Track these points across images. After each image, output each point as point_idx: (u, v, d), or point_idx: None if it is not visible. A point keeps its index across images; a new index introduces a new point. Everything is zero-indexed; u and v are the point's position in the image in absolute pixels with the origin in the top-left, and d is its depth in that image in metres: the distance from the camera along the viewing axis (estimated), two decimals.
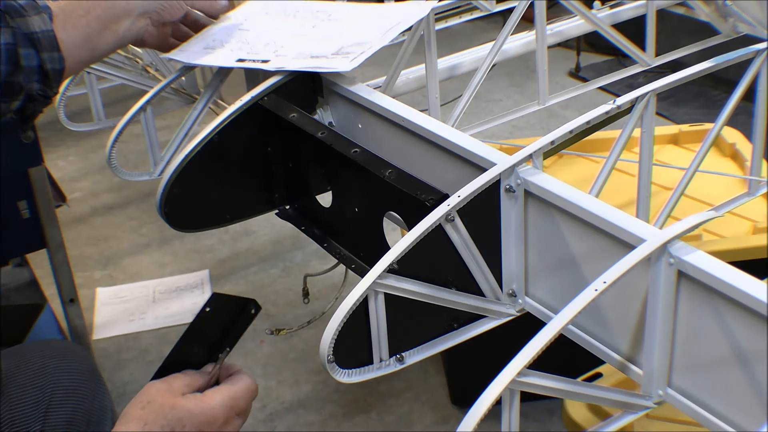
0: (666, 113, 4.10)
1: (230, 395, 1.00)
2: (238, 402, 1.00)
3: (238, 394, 1.00)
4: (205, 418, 0.96)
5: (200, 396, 0.99)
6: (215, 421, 0.96)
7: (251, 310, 1.05)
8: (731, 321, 0.89)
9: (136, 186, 3.75)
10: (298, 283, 3.11)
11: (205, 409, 0.97)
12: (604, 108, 1.19)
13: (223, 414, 0.98)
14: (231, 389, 1.00)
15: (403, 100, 1.36)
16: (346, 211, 1.31)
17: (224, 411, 0.98)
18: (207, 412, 0.96)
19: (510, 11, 1.68)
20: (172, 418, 0.94)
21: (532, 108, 1.75)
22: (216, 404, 0.98)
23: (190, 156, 1.33)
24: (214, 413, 0.97)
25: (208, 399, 0.98)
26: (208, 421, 0.96)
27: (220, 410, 0.97)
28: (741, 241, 2.06)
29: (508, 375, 0.87)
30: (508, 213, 1.10)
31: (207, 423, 0.96)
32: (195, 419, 0.95)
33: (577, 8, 1.76)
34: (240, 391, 1.01)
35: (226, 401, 0.99)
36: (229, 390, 1.00)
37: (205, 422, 0.96)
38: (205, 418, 0.96)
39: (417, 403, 2.57)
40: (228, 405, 0.98)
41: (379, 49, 1.42)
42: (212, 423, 0.96)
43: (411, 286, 1.05)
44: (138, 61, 2.14)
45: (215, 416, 0.97)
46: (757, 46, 1.38)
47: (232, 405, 0.99)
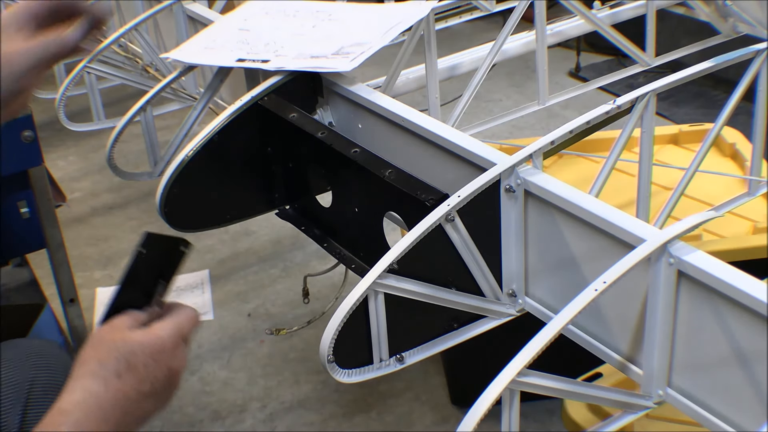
0: (666, 113, 4.10)
1: (176, 324, 1.04)
2: (183, 329, 1.05)
3: (183, 323, 1.05)
4: (156, 347, 1.00)
5: (147, 329, 1.03)
6: (165, 350, 1.01)
7: (181, 248, 1.08)
8: (731, 321, 0.89)
9: (136, 186, 3.74)
10: (298, 283, 3.11)
11: (154, 339, 1.01)
12: (604, 108, 1.19)
13: (171, 342, 1.02)
14: (175, 319, 1.05)
15: (403, 100, 1.36)
16: (346, 211, 1.31)
17: (172, 339, 1.02)
18: (157, 341, 1.01)
19: (510, 11, 1.68)
20: (125, 351, 0.99)
21: (532, 108, 1.75)
22: (164, 333, 1.02)
23: (190, 156, 1.33)
24: (164, 342, 1.01)
25: (156, 329, 1.03)
26: (159, 350, 1.01)
27: (168, 339, 1.02)
28: (741, 241, 2.06)
29: (508, 375, 0.87)
30: (508, 213, 1.10)
31: (158, 351, 1.00)
32: (146, 349, 1.00)
33: (577, 8, 1.76)
34: (184, 320, 1.05)
35: (173, 330, 1.03)
36: (173, 320, 1.05)
37: (156, 351, 1.00)
38: (156, 347, 1.00)
39: (417, 403, 2.57)
40: (175, 333, 1.03)
41: (379, 49, 1.42)
42: (163, 351, 1.01)
43: (411, 286, 1.05)
44: (138, 61, 2.14)
45: (165, 345, 1.01)
46: (757, 46, 1.38)
47: (178, 333, 1.03)
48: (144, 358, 0.99)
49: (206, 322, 3.00)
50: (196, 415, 2.59)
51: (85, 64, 1.81)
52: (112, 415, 0.96)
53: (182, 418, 2.58)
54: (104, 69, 1.98)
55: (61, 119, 1.90)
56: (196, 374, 2.75)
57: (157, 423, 2.57)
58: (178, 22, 1.88)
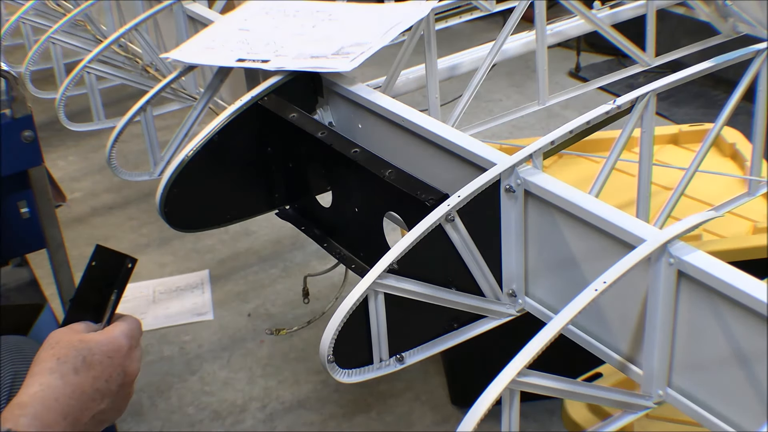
0: (666, 113, 4.10)
1: (128, 327, 1.09)
2: (135, 333, 1.10)
3: (133, 327, 1.10)
4: (112, 346, 1.05)
5: (103, 330, 1.09)
6: (121, 349, 1.06)
7: (127, 264, 1.14)
8: (731, 321, 0.89)
9: (136, 186, 3.74)
10: (298, 283, 3.11)
11: (110, 338, 1.06)
12: (604, 108, 1.19)
13: (126, 342, 1.07)
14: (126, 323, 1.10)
15: (403, 100, 1.36)
16: (346, 211, 1.31)
17: (127, 340, 1.07)
18: (113, 340, 1.06)
19: (510, 11, 1.68)
20: (82, 348, 1.03)
21: (532, 108, 1.75)
22: (119, 334, 1.07)
23: (190, 156, 1.33)
24: (119, 341, 1.06)
25: (111, 331, 1.08)
26: (115, 349, 1.05)
27: (123, 339, 1.07)
28: (741, 241, 2.06)
29: (508, 375, 0.87)
30: (508, 213, 1.10)
31: (114, 350, 1.05)
32: (103, 347, 1.04)
33: (577, 8, 1.76)
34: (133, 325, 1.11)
35: (126, 332, 1.08)
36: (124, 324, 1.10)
37: (113, 349, 1.05)
38: (113, 346, 1.05)
39: (417, 403, 2.57)
40: (128, 335, 1.08)
41: (379, 49, 1.42)
42: (119, 350, 1.06)
43: (411, 286, 1.05)
44: (138, 61, 2.14)
45: (120, 344, 1.06)
46: (757, 46, 1.38)
47: (131, 335, 1.09)
48: (100, 357, 1.03)
49: (206, 322, 3.00)
50: (196, 415, 2.59)
51: (85, 64, 1.81)
52: (69, 409, 0.99)
53: (182, 418, 2.58)
54: (104, 69, 1.99)
55: (61, 119, 1.90)
56: (196, 374, 2.75)
57: (157, 423, 2.57)
58: (178, 22, 1.88)
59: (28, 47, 2.22)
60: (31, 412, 0.95)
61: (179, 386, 2.71)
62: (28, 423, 0.94)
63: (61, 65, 2.13)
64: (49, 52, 2.10)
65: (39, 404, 0.96)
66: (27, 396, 0.97)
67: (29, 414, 0.95)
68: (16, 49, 2.59)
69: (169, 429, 2.55)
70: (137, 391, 2.69)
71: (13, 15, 2.28)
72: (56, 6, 2.48)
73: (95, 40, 2.32)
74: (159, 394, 2.68)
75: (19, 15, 2.25)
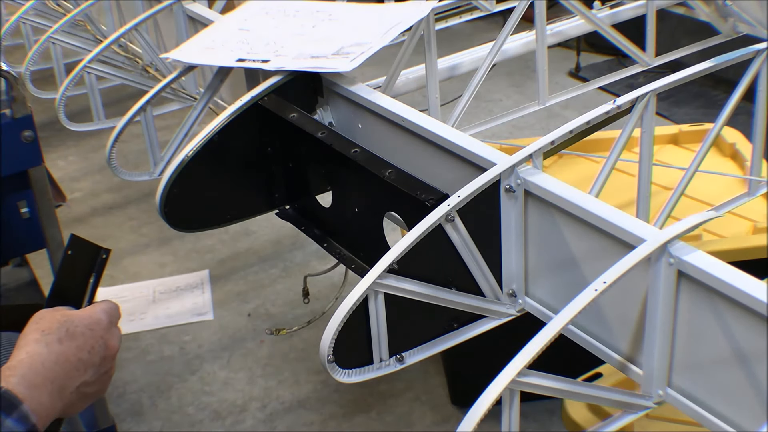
0: (666, 113, 4.10)
1: (107, 306, 1.15)
2: (113, 313, 1.15)
3: (112, 306, 1.16)
4: (92, 320, 1.11)
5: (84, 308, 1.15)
6: (101, 323, 1.12)
7: (103, 255, 1.19)
8: (731, 321, 0.89)
9: (136, 186, 3.74)
10: (298, 283, 3.11)
11: (90, 313, 1.12)
12: (604, 108, 1.19)
13: (107, 318, 1.13)
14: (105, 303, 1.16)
15: (403, 100, 1.36)
16: (346, 211, 1.31)
17: (107, 316, 1.13)
18: (93, 315, 1.12)
19: (510, 11, 1.68)
20: (65, 321, 1.09)
21: (532, 108, 1.75)
22: (99, 310, 1.13)
23: (190, 156, 1.33)
24: (99, 316, 1.12)
25: (90, 308, 1.15)
26: (95, 321, 1.11)
27: (103, 314, 1.13)
28: (741, 241, 2.06)
29: (508, 375, 0.87)
30: (508, 213, 1.10)
31: (95, 323, 1.11)
32: (84, 320, 1.10)
33: (577, 8, 1.76)
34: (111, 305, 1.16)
35: (105, 309, 1.14)
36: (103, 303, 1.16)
37: (93, 322, 1.11)
38: (93, 320, 1.11)
39: (417, 403, 2.57)
40: (108, 312, 1.14)
41: (379, 49, 1.42)
42: (99, 323, 1.11)
43: (411, 286, 1.05)
44: (138, 61, 2.14)
45: (101, 318, 1.12)
46: (757, 46, 1.38)
47: (110, 313, 1.14)
48: (82, 328, 1.09)
49: (206, 322, 3.00)
50: (196, 415, 2.59)
51: (85, 64, 1.81)
52: (55, 375, 1.03)
53: (182, 418, 2.58)
54: (104, 69, 1.99)
55: (61, 119, 1.90)
56: (196, 374, 2.75)
57: (157, 423, 2.57)
58: (178, 22, 1.88)
59: (28, 47, 2.23)
60: (19, 373, 1.00)
61: (179, 386, 2.71)
62: (17, 382, 0.98)
63: (61, 65, 2.13)
64: (49, 52, 2.10)
65: (26, 367, 1.01)
66: (15, 361, 1.02)
67: (18, 374, 0.99)
68: (16, 49, 2.60)
69: (169, 429, 2.55)
70: (137, 391, 2.70)
71: (13, 15, 2.28)
72: (56, 6, 2.48)
73: (95, 40, 2.31)
74: (159, 394, 2.68)
75: (19, 15, 2.25)
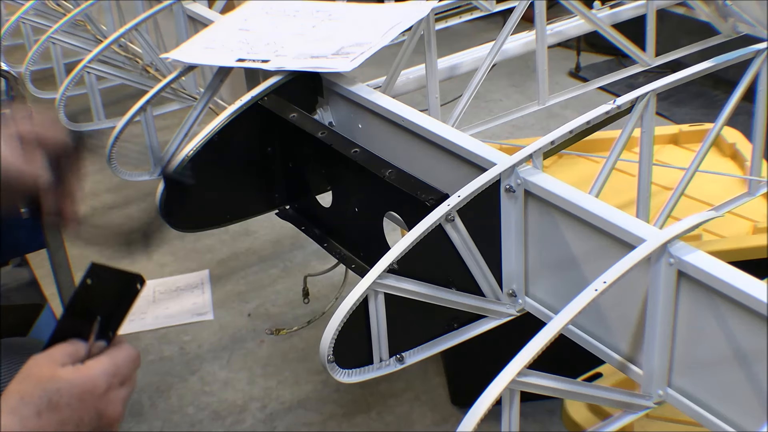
0: (666, 113, 4.10)
1: (112, 364, 0.99)
2: (120, 370, 0.99)
3: (120, 363, 1.00)
4: (84, 388, 0.95)
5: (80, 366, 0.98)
6: (95, 390, 0.96)
7: (136, 284, 1.03)
8: (731, 321, 0.89)
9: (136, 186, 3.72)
10: (298, 283, 3.09)
11: (84, 379, 0.96)
12: (604, 108, 1.19)
13: (104, 382, 0.97)
14: (112, 358, 0.99)
15: (403, 100, 1.36)
16: (346, 211, 1.31)
17: (105, 379, 0.97)
18: (86, 381, 0.96)
19: (510, 11, 1.68)
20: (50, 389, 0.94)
21: (532, 108, 1.75)
22: (96, 373, 0.97)
23: (190, 156, 1.33)
24: (94, 382, 0.96)
25: (87, 369, 0.97)
26: (87, 390, 0.95)
27: (100, 379, 0.97)
28: (741, 241, 2.06)
29: (508, 375, 0.87)
30: (508, 213, 1.10)
31: (86, 392, 0.95)
32: (74, 389, 0.95)
33: (577, 8, 1.76)
34: (121, 360, 1.00)
35: (107, 369, 0.98)
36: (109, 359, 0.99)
37: (84, 391, 0.95)
38: (85, 388, 0.95)
39: (417, 403, 2.57)
40: (109, 373, 0.98)
41: (379, 49, 1.42)
42: (92, 392, 0.96)
43: (411, 286, 1.05)
44: (138, 61, 2.14)
45: (95, 385, 0.96)
46: (757, 46, 1.38)
47: (113, 373, 0.98)
48: (68, 399, 0.94)
49: (206, 322, 3.00)
50: (196, 415, 2.59)
51: (85, 64, 1.81)
52: None
53: (182, 418, 2.58)
54: (104, 69, 1.99)
55: (61, 119, 1.90)
56: (196, 374, 2.75)
57: (157, 423, 2.57)
58: (178, 22, 1.88)
59: (28, 47, 2.22)
60: None
61: (179, 386, 2.71)
62: None
63: (61, 65, 2.13)
64: (49, 52, 2.10)
65: None
66: None
67: None
68: (16, 49, 2.59)
69: (169, 429, 2.55)
70: (137, 391, 2.68)
71: (13, 15, 2.28)
72: (56, 6, 2.48)
73: (95, 40, 2.32)
74: (159, 394, 2.68)
75: (19, 15, 2.25)
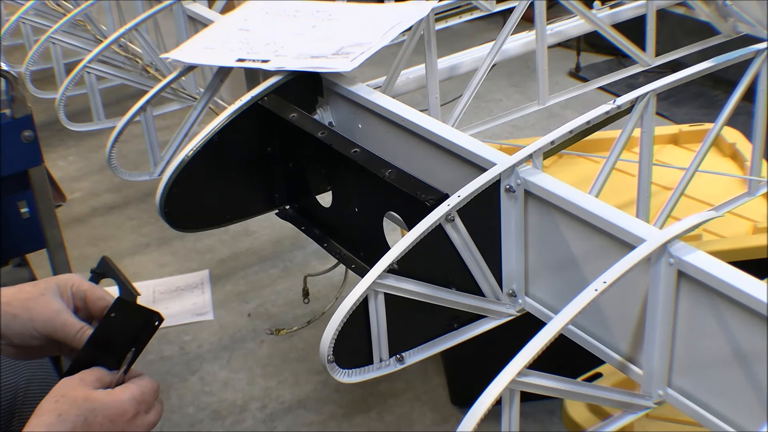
0: (666, 113, 4.10)
1: (139, 391, 1.06)
2: (146, 397, 1.07)
3: (146, 390, 1.08)
4: (116, 410, 1.02)
5: (110, 390, 1.05)
6: (125, 414, 1.03)
7: (154, 322, 1.12)
8: (731, 321, 0.89)
9: (136, 186, 3.74)
10: (298, 283, 3.11)
11: (116, 402, 1.03)
12: (604, 108, 1.19)
13: (133, 408, 1.04)
14: (139, 387, 1.07)
15: (403, 100, 1.36)
16: (346, 211, 1.31)
17: (134, 405, 1.05)
18: (118, 404, 1.03)
19: (510, 11, 1.68)
20: (85, 409, 1.00)
21: (532, 108, 1.75)
22: (126, 398, 1.04)
23: (190, 156, 1.33)
24: (125, 406, 1.03)
25: (118, 393, 1.05)
26: (119, 413, 1.02)
27: (130, 404, 1.04)
28: (741, 241, 2.06)
29: (508, 375, 0.87)
30: (508, 213, 1.10)
31: (118, 414, 1.02)
32: (107, 410, 1.02)
33: (577, 8, 1.76)
34: (146, 388, 1.08)
35: (135, 395, 1.05)
36: (137, 387, 1.07)
37: (116, 414, 1.02)
38: (117, 410, 1.02)
39: (417, 403, 2.57)
40: (137, 399, 1.05)
41: (379, 49, 1.42)
42: (123, 415, 1.03)
43: (411, 286, 1.05)
44: (138, 61, 2.14)
45: (126, 409, 1.03)
46: (757, 46, 1.38)
47: (141, 400, 1.06)
48: (102, 419, 1.01)
49: (206, 322, 3.00)
50: (196, 415, 2.59)
51: (85, 64, 1.81)
52: None
53: (182, 418, 2.58)
54: (104, 69, 1.99)
55: (61, 119, 1.90)
56: (196, 374, 2.75)
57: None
58: (178, 22, 1.88)
59: (28, 47, 2.22)
60: None
61: (179, 386, 2.71)
62: None
63: (61, 65, 2.13)
64: (49, 52, 2.10)
65: None
66: None
67: None
68: (16, 49, 2.59)
69: (169, 429, 2.55)
70: None
71: (13, 15, 2.28)
72: (56, 6, 2.48)
73: (95, 40, 2.32)
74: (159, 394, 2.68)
75: (19, 15, 2.25)
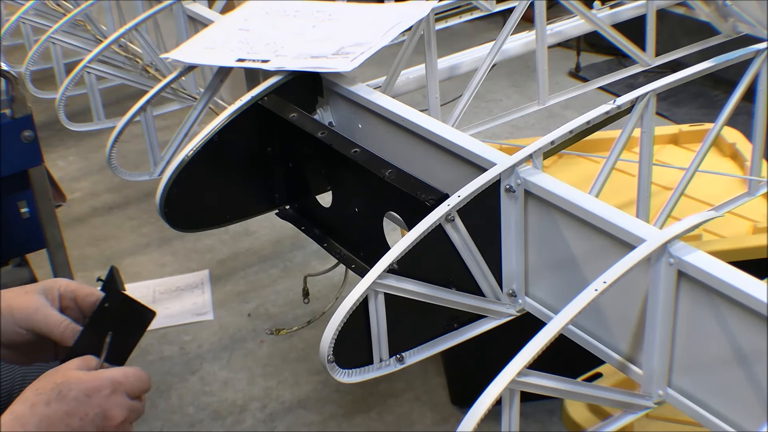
0: (666, 113, 4.10)
1: (120, 374, 1.08)
2: (129, 380, 1.08)
3: (129, 374, 1.08)
4: (92, 385, 1.04)
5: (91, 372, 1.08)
6: (101, 390, 1.05)
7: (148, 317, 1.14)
8: (731, 321, 0.89)
9: (136, 186, 3.74)
10: (298, 283, 3.11)
11: (93, 378, 1.05)
12: (604, 108, 1.19)
13: (109, 385, 1.05)
14: (121, 371, 1.09)
15: (403, 100, 1.36)
16: (346, 211, 1.31)
17: (111, 383, 1.06)
18: (94, 380, 1.05)
19: (510, 11, 1.68)
20: (61, 382, 1.04)
21: (532, 108, 1.75)
22: (104, 376, 1.06)
23: (190, 156, 1.33)
24: (101, 383, 1.05)
25: (97, 373, 1.07)
26: (94, 388, 1.04)
27: (107, 381, 1.05)
28: (741, 241, 2.06)
29: (508, 375, 0.87)
30: (508, 213, 1.10)
31: (94, 389, 1.04)
32: (82, 385, 1.04)
33: (577, 8, 1.76)
34: (130, 372, 1.09)
35: (115, 376, 1.07)
36: (119, 370, 1.09)
37: (92, 388, 1.04)
38: (93, 386, 1.04)
39: (417, 403, 2.57)
40: (116, 380, 1.06)
41: (379, 49, 1.42)
42: (98, 390, 1.04)
43: (411, 286, 1.05)
44: (138, 61, 2.14)
45: (101, 385, 1.05)
46: (757, 46, 1.38)
47: (120, 380, 1.07)
48: (77, 393, 1.03)
49: (206, 322, 3.00)
50: (196, 415, 2.59)
51: (85, 64, 1.81)
52: None
53: (182, 418, 2.58)
54: (104, 69, 1.99)
55: (61, 119, 1.90)
56: (196, 374, 2.75)
57: (157, 423, 2.57)
58: (178, 22, 1.88)
59: (28, 47, 2.23)
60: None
61: (179, 386, 2.71)
62: None
63: (61, 65, 2.13)
64: (49, 52, 2.10)
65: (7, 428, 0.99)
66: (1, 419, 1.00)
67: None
68: (16, 49, 2.59)
69: (169, 429, 2.55)
70: None
71: (13, 15, 2.28)
72: (56, 6, 2.48)
73: (95, 40, 2.32)
74: (159, 394, 2.68)
75: (19, 15, 2.25)
